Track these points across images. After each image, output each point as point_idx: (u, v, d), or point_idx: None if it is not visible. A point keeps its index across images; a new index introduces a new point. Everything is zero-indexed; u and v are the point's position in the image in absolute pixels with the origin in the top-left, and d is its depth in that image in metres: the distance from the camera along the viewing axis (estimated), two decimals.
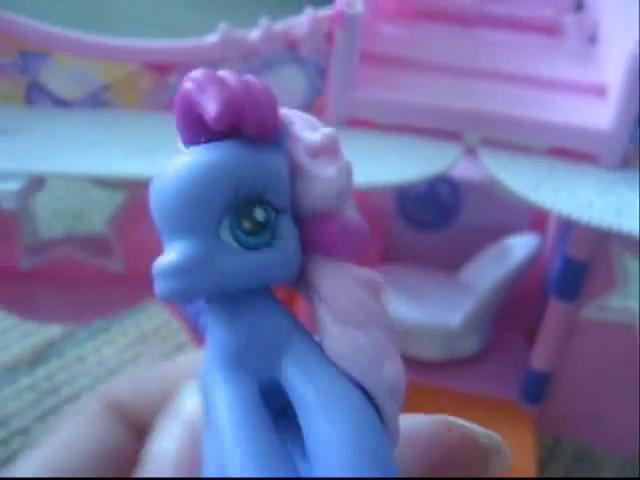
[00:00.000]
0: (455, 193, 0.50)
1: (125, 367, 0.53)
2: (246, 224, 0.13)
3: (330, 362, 0.13)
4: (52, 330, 0.54)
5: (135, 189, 0.41)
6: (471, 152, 0.39)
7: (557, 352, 0.44)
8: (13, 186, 0.33)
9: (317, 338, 0.13)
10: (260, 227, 0.13)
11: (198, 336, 0.45)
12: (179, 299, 0.13)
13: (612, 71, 0.40)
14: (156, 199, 0.14)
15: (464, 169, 0.46)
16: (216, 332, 0.13)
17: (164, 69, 0.38)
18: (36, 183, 0.34)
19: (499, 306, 0.48)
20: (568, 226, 0.40)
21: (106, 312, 0.44)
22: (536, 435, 0.44)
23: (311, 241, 0.13)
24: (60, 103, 0.39)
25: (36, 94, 0.39)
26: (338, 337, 0.13)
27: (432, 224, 0.51)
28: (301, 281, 0.14)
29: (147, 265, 0.42)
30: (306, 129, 0.14)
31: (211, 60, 0.38)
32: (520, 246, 0.47)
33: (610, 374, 0.44)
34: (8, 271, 0.44)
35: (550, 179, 0.36)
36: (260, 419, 0.12)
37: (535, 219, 0.50)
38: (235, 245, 0.13)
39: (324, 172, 0.13)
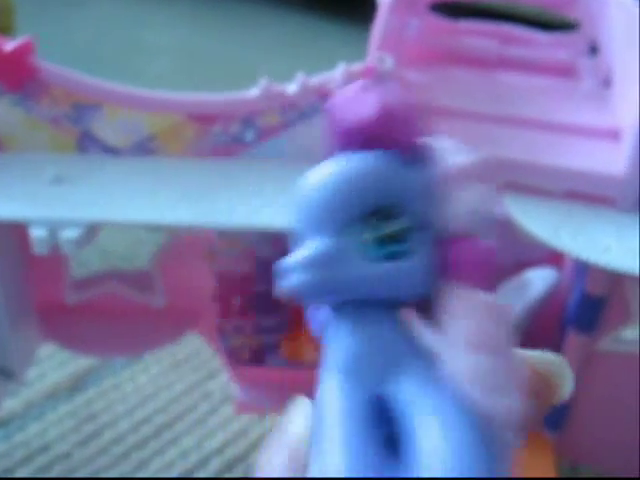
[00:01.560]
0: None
1: (160, 394, 0.55)
2: (380, 233, 0.13)
3: (447, 383, 0.13)
4: (89, 358, 0.56)
5: (177, 230, 0.44)
6: None
7: (575, 382, 0.46)
8: (72, 234, 0.36)
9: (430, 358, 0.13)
10: (393, 238, 0.13)
11: (230, 362, 0.47)
12: (308, 293, 0.13)
13: (626, 115, 0.43)
14: (302, 199, 0.14)
15: None
16: (338, 340, 0.14)
17: (207, 120, 0.41)
18: (93, 230, 0.37)
19: (519, 338, 0.50)
20: (585, 263, 0.42)
21: (147, 346, 0.47)
22: (556, 461, 0.47)
23: (445, 263, 0.14)
24: (110, 151, 0.42)
25: (87, 143, 0.42)
26: (463, 361, 0.13)
27: None
28: (426, 302, 0.14)
29: (186, 301, 0.45)
30: (453, 152, 0.14)
31: (251, 112, 0.41)
32: (538, 280, 0.50)
33: (626, 403, 0.46)
34: (57, 305, 0.46)
35: (568, 223, 0.39)
36: (368, 431, 0.13)
37: (552, 253, 0.52)
38: (367, 252, 0.13)
39: (465, 195, 0.14)
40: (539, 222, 0.39)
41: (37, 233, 0.36)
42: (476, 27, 0.54)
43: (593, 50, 0.52)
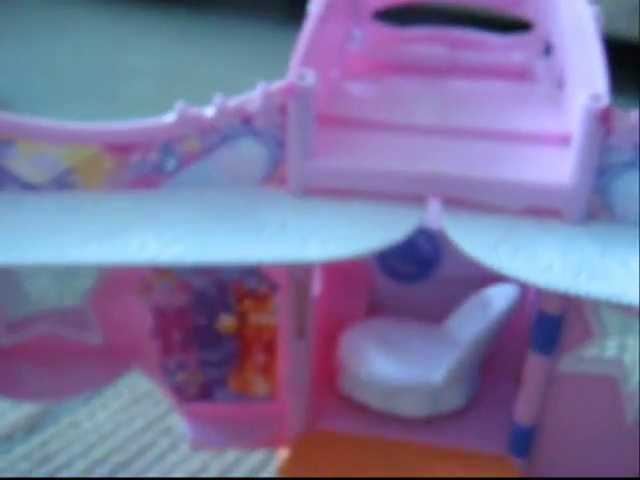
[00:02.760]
0: (434, 244, 0.50)
1: (119, 430, 0.54)
2: None
3: None
4: None
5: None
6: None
7: (539, 405, 0.43)
8: None
9: None
10: None
11: (176, 399, 0.45)
12: None
13: (574, 121, 0.40)
14: None
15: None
16: None
17: (124, 150, 0.39)
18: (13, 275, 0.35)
19: (485, 356, 0.48)
20: None
21: (88, 386, 0.45)
22: None
23: None
24: (28, 187, 0.40)
25: (4, 179, 0.40)
26: None
27: (413, 276, 0.51)
28: None
29: (124, 337, 0.43)
30: None
31: (169, 138, 0.39)
32: (500, 296, 0.47)
33: (593, 425, 0.43)
34: None
35: (510, 240, 0.36)
36: None
37: None
38: None
39: None
40: (477, 240, 0.36)
41: None
42: (424, 33, 0.51)
43: (548, 51, 0.49)
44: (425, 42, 0.51)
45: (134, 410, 0.55)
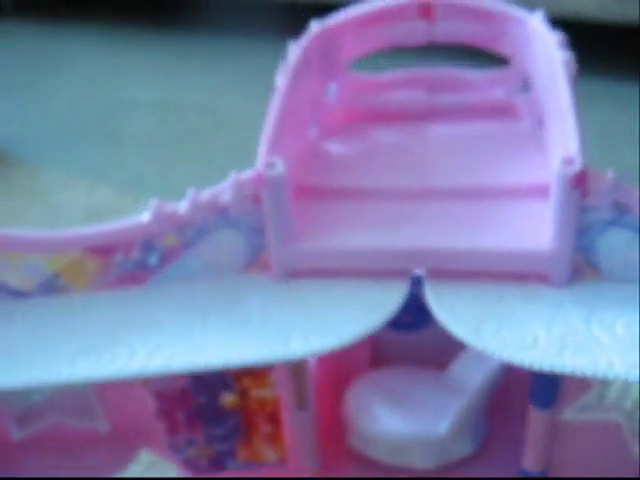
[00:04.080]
0: None
1: None
2: None
3: None
4: None
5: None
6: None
7: (546, 452, 0.43)
8: None
9: None
10: None
11: (190, 472, 0.46)
12: None
13: (551, 170, 0.39)
14: None
15: None
16: None
17: (106, 251, 0.39)
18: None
19: (490, 402, 0.48)
20: None
21: (101, 473, 0.46)
22: None
23: None
24: (17, 294, 0.40)
25: None
26: None
27: (415, 324, 0.51)
28: None
29: (129, 422, 0.43)
30: None
31: (149, 235, 0.39)
32: None
33: (602, 468, 0.43)
34: (3, 443, 0.45)
35: (494, 314, 0.36)
36: None
37: None
38: None
39: None
40: (461, 318, 0.36)
41: None
42: (400, 77, 0.51)
43: (526, 87, 0.49)
44: (403, 86, 0.51)
45: (153, 473, 0.56)
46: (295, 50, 0.45)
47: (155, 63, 1.29)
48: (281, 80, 0.43)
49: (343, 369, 0.51)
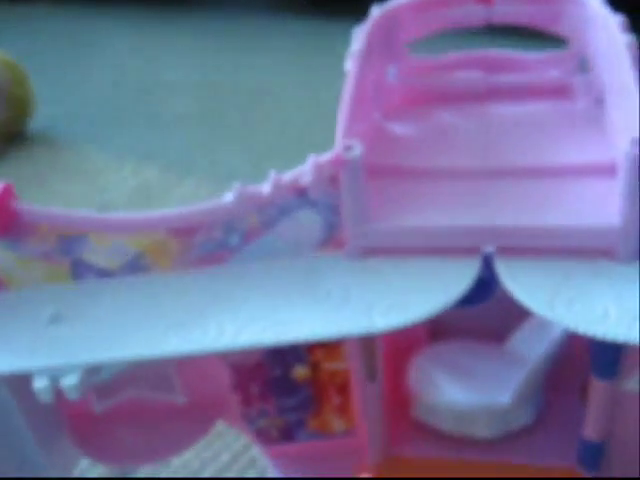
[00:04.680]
0: (490, 266, 0.51)
1: (207, 467, 0.57)
2: None
3: None
4: None
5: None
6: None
7: (607, 422, 0.45)
8: (72, 380, 0.37)
9: None
10: None
11: (259, 442, 0.48)
12: None
13: (618, 147, 0.40)
14: None
15: None
16: None
17: (188, 232, 0.41)
18: (94, 371, 0.38)
19: (549, 373, 0.49)
20: None
21: (178, 446, 0.48)
22: None
23: None
24: (103, 274, 0.43)
25: (81, 270, 0.42)
26: None
27: (473, 299, 0.52)
28: None
29: (206, 395, 0.46)
30: None
31: (230, 216, 0.41)
32: None
33: None
34: (85, 416, 0.48)
35: (565, 288, 0.37)
36: None
37: None
38: None
39: None
40: (532, 291, 0.38)
41: (38, 383, 0.37)
42: (458, 59, 0.52)
43: (584, 67, 0.50)
44: (461, 68, 0.52)
45: (218, 445, 0.58)
46: (360, 34, 0.47)
47: (192, 44, 1.31)
48: (350, 65, 0.44)
49: (403, 344, 0.53)
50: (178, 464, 0.58)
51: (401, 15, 0.50)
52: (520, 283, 0.38)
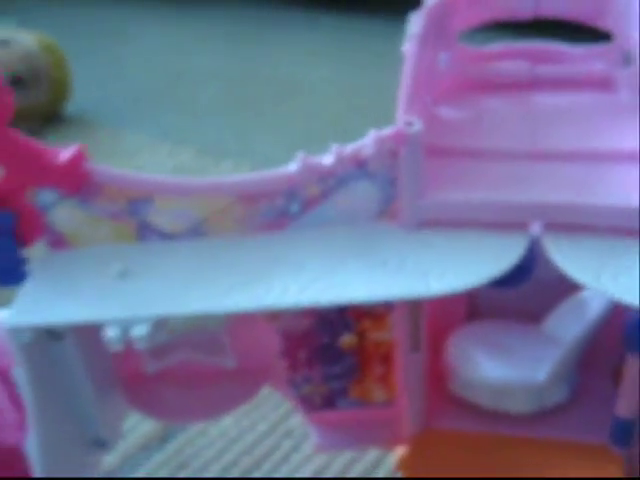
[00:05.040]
0: (530, 249, 0.53)
1: (244, 436, 0.59)
2: None
3: None
4: None
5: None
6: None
7: (638, 400, 0.47)
8: (142, 331, 0.39)
9: None
10: None
11: (303, 408, 0.50)
12: None
13: None
14: None
15: None
16: None
17: (252, 198, 0.43)
18: (162, 324, 0.40)
19: (583, 354, 0.51)
20: None
21: (225, 408, 0.50)
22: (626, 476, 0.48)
23: None
24: (167, 237, 0.45)
25: (146, 232, 0.44)
26: None
27: (511, 281, 0.54)
28: None
29: (255, 360, 0.48)
30: None
31: (292, 185, 0.43)
32: (598, 297, 0.50)
33: None
34: (138, 375, 0.50)
35: (610, 263, 0.39)
36: None
37: None
38: None
39: None
40: (580, 264, 0.40)
41: (110, 333, 0.39)
42: (505, 49, 0.54)
43: (628, 60, 0.52)
44: (507, 58, 0.54)
45: (256, 415, 0.60)
46: (417, 19, 0.49)
47: (225, 34, 1.33)
48: (409, 47, 0.46)
49: (442, 323, 0.55)
50: (216, 433, 0.59)
51: (454, 4, 0.52)
52: (567, 257, 0.40)
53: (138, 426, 0.60)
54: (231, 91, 1.12)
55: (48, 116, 1.07)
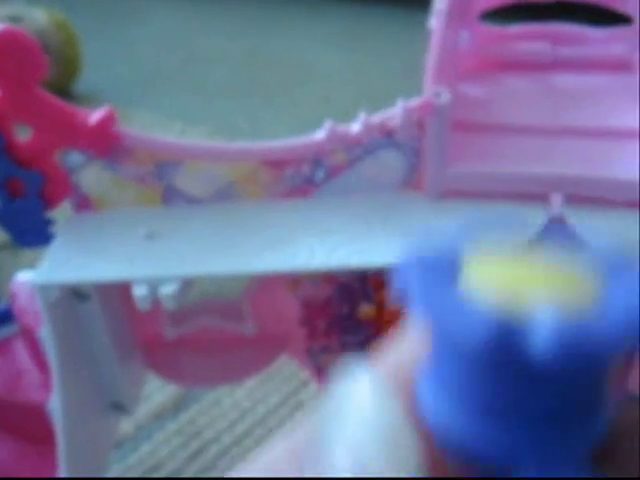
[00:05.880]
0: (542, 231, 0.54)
1: (257, 407, 0.59)
2: None
3: None
4: None
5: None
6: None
7: None
8: (170, 290, 0.40)
9: None
10: None
11: (320, 378, 0.50)
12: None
13: None
14: None
15: None
16: None
17: (279, 164, 0.44)
18: (189, 284, 0.41)
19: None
20: None
21: (243, 374, 0.51)
22: None
23: None
24: (193, 201, 0.45)
25: (172, 196, 0.45)
26: None
27: None
28: None
29: (275, 328, 0.49)
30: None
31: (319, 153, 0.43)
32: None
33: None
34: (157, 341, 0.50)
35: (632, 234, 0.40)
36: None
37: None
38: None
39: None
40: (599, 235, 0.40)
41: (138, 291, 0.40)
42: (526, 30, 0.55)
43: None
44: (527, 39, 0.55)
45: (269, 387, 0.61)
46: None
47: (238, 17, 1.33)
48: (435, 22, 0.47)
49: None
50: (229, 404, 0.60)
51: None
52: (586, 227, 0.41)
53: (152, 395, 0.61)
54: (243, 73, 1.12)
55: (57, 94, 1.06)
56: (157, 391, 0.61)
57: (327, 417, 0.15)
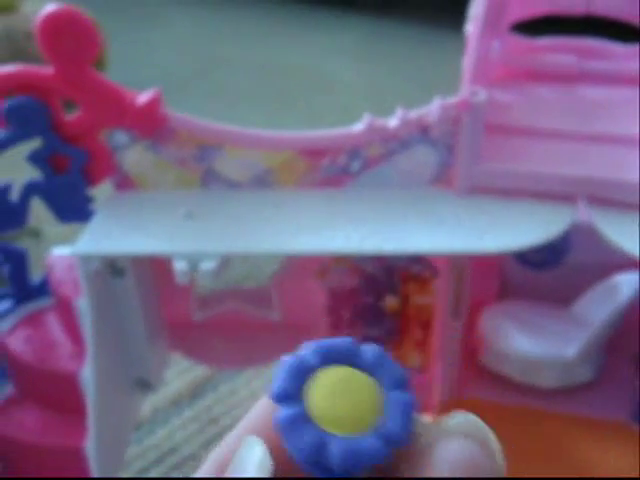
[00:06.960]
0: (565, 234, 0.56)
1: (258, 396, 0.60)
2: None
3: None
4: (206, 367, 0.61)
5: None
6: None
7: None
8: (209, 266, 0.41)
9: None
10: None
11: None
12: None
13: None
14: None
15: None
16: None
17: (316, 154, 0.45)
18: (226, 262, 0.42)
19: (609, 337, 0.54)
20: None
21: (265, 358, 0.52)
22: None
23: None
24: (231, 185, 0.47)
25: (211, 179, 0.46)
26: None
27: (544, 263, 0.57)
28: None
29: (300, 315, 0.50)
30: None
31: (356, 145, 0.45)
32: (628, 283, 0.53)
33: None
34: (185, 322, 0.51)
35: None
36: None
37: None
38: None
39: None
40: (625, 235, 0.42)
41: (179, 266, 0.41)
42: (554, 43, 0.57)
43: None
44: (555, 51, 0.57)
45: (269, 374, 0.62)
46: (479, 2, 0.51)
47: (255, 23, 1.36)
48: (472, 27, 0.49)
49: (475, 299, 0.57)
50: (245, 393, 0.61)
51: None
52: (613, 228, 0.43)
53: (170, 382, 0.62)
54: (262, 81, 1.15)
55: None
56: (175, 378, 0.62)
57: None
